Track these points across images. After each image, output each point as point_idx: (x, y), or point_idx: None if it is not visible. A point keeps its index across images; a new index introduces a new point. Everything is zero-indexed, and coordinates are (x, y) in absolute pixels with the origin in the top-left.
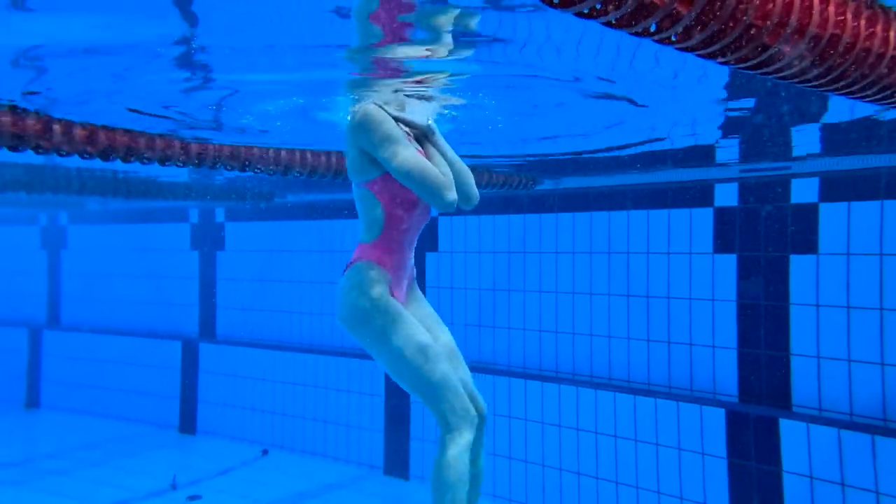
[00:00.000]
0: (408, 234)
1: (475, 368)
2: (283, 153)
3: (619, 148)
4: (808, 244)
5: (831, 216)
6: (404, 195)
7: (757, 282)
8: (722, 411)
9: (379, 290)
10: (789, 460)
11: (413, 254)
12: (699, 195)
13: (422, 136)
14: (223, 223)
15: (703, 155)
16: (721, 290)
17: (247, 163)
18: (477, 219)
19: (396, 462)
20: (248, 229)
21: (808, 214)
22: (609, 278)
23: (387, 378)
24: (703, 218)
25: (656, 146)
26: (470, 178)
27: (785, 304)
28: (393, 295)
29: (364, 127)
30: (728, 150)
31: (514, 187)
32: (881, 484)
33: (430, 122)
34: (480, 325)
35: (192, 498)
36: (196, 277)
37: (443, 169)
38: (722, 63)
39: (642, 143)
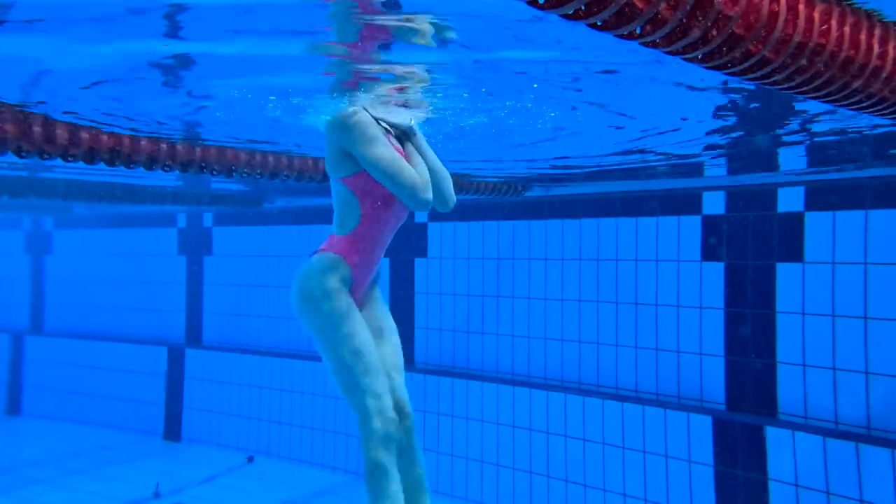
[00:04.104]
0: (381, 233)
1: (464, 375)
2: (269, 157)
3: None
4: (795, 253)
5: (817, 225)
6: (381, 192)
7: (744, 290)
8: (709, 419)
9: (335, 284)
10: (775, 468)
11: (383, 254)
12: (687, 203)
13: (402, 137)
14: (211, 228)
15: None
16: (708, 298)
17: (234, 168)
18: (466, 225)
19: None
20: (236, 234)
21: (794, 223)
22: (597, 285)
23: None
24: (691, 226)
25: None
26: (448, 182)
27: (771, 312)
28: (351, 292)
29: (346, 127)
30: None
31: (503, 194)
32: (865, 492)
33: (411, 122)
34: (469, 331)
35: None
36: (183, 283)
37: (420, 169)
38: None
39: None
